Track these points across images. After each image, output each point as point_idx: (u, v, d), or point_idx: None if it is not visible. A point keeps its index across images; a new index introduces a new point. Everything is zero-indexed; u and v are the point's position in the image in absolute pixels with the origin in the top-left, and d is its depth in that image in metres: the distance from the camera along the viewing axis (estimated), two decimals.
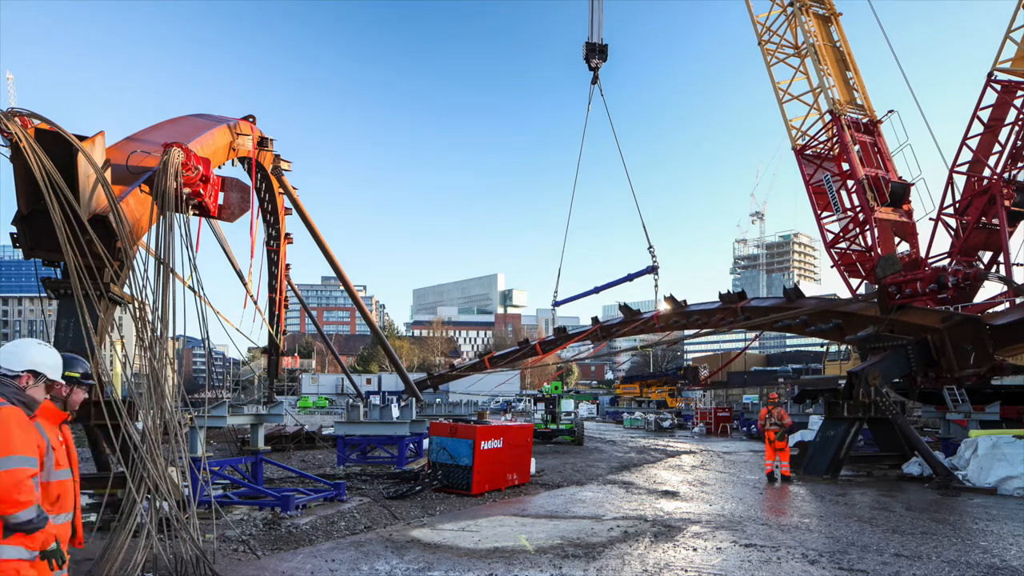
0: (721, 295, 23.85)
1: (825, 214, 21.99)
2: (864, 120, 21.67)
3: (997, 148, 19.29)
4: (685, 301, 25.51)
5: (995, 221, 18.90)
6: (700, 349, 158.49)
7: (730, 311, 23.14)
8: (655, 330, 27.50)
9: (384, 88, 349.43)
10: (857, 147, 20.93)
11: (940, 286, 16.18)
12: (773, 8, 22.59)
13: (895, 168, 21.41)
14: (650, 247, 25.88)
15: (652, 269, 26.09)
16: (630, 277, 27.63)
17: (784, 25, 22.50)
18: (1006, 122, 19.05)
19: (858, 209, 20.66)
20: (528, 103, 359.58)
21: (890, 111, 21.53)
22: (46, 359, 3.51)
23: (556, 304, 30.63)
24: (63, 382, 3.56)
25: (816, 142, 21.99)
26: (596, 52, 25.38)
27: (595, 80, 25.96)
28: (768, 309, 22.18)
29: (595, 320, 29.87)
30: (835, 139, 21.35)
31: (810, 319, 20.65)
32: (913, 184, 21.14)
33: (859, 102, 21.92)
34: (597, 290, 29.56)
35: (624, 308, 28.39)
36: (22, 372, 3.36)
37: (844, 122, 20.90)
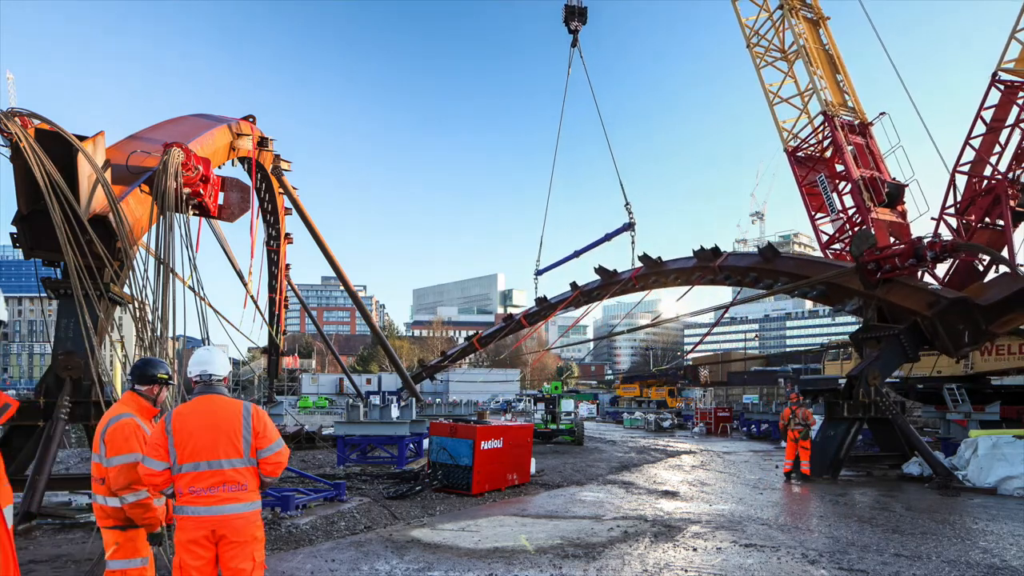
0: (695, 252, 22.80)
1: (819, 215, 21.94)
2: (855, 122, 21.66)
3: (998, 149, 19.28)
4: (660, 258, 24.68)
5: (999, 221, 18.86)
6: (700, 349, 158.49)
7: (708, 269, 22.31)
8: (634, 290, 26.88)
9: (384, 88, 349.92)
10: (851, 148, 20.91)
11: (918, 259, 16.01)
12: (760, 14, 22.59)
13: (887, 169, 21.40)
14: (627, 203, 25.49)
15: (629, 226, 25.59)
16: (608, 236, 27.17)
17: (772, 29, 22.50)
18: (1007, 123, 19.05)
19: (852, 210, 20.61)
20: (530, 103, 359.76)
21: (882, 113, 21.53)
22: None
23: (538, 272, 30.22)
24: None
25: (808, 144, 21.96)
26: (576, 15, 25.31)
27: (575, 43, 25.91)
28: (747, 269, 21.30)
29: (574, 285, 29.55)
30: (827, 141, 21.32)
31: (792, 281, 20.04)
32: (907, 185, 21.12)
33: (850, 104, 21.92)
34: (577, 254, 29.11)
35: (600, 270, 27.73)
36: (225, 375, 4.39)
37: (838, 123, 20.86)
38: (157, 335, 7.61)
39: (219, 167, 13.09)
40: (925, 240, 16.45)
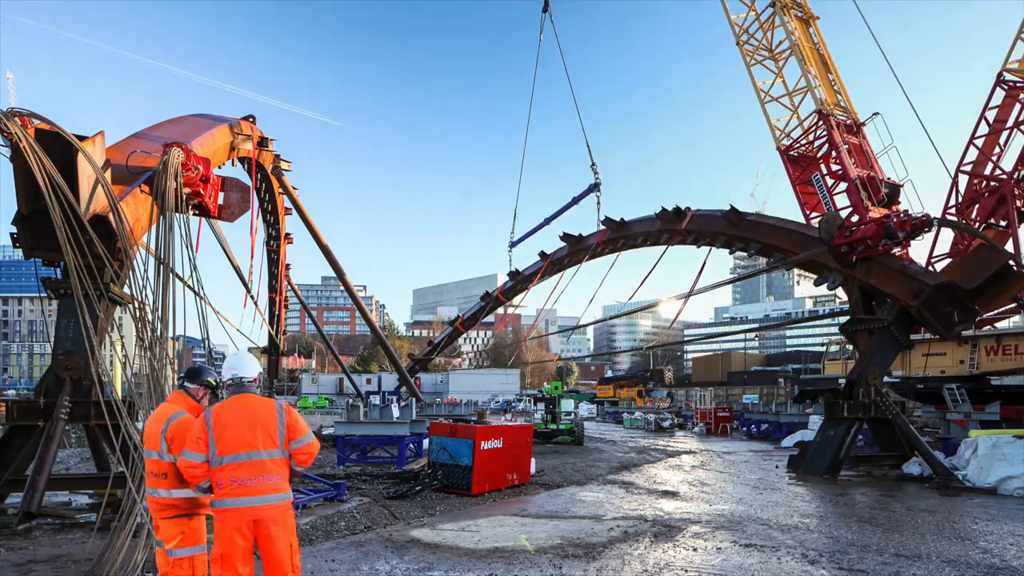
0: (658, 214, 22.36)
1: (814, 214, 21.86)
2: (848, 122, 21.60)
3: (998, 150, 19.24)
4: (623, 219, 24.34)
5: (1003, 222, 18.80)
6: (700, 349, 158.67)
7: (676, 232, 21.75)
8: (603, 254, 26.52)
9: (384, 88, 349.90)
10: (846, 147, 20.83)
11: (891, 237, 15.89)
12: (749, 13, 22.54)
13: (881, 169, 21.33)
14: (592, 164, 25.38)
15: (594, 187, 25.50)
16: (575, 200, 27.11)
17: (759, 29, 22.42)
18: (1008, 124, 19.04)
19: (849, 210, 20.53)
20: (528, 101, 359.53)
21: (875, 113, 21.43)
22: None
23: (512, 245, 30.09)
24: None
25: (801, 143, 21.87)
26: None
27: (546, 8, 25.72)
28: (716, 233, 20.67)
29: (543, 254, 29.41)
30: (819, 141, 21.23)
31: (764, 249, 19.54)
32: (902, 185, 21.07)
33: (843, 104, 21.84)
34: (547, 221, 28.99)
35: (566, 236, 27.37)
36: (256, 376, 4.76)
37: (833, 122, 20.77)
38: (157, 335, 7.60)
39: (219, 167, 13.09)
40: (894, 218, 16.19)
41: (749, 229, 19.75)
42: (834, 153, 20.58)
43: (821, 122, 20.90)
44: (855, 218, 19.71)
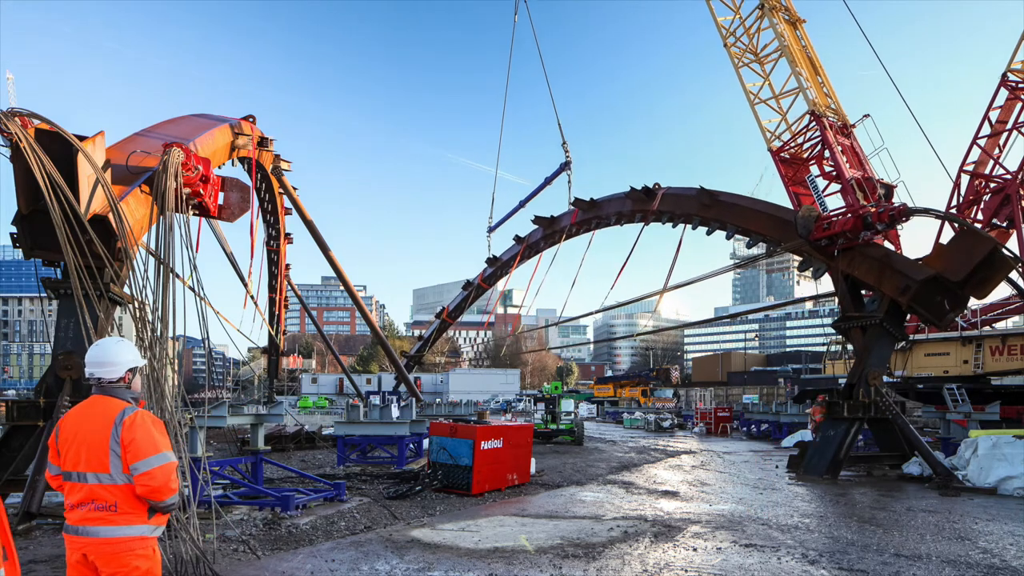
0: (627, 193, 21.97)
1: None
2: (838, 124, 21.57)
3: (998, 151, 19.29)
4: (593, 199, 24.06)
5: (1004, 223, 18.82)
6: (700, 348, 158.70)
7: (649, 211, 21.31)
8: (577, 233, 26.34)
9: (385, 87, 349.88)
10: (839, 148, 20.85)
11: (869, 228, 15.78)
12: (735, 18, 22.54)
13: (873, 170, 21.32)
14: (563, 143, 25.51)
15: (565, 165, 25.59)
16: (548, 180, 27.24)
17: (745, 34, 22.42)
18: (1008, 125, 19.09)
19: (843, 210, 20.54)
20: (529, 101, 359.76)
21: (865, 115, 21.40)
22: (135, 352, 3.81)
23: (491, 230, 30.29)
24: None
25: (791, 145, 21.83)
26: None
27: None
28: (690, 215, 20.16)
29: (518, 239, 29.48)
30: (809, 143, 21.22)
31: (742, 232, 19.24)
32: (895, 186, 21.04)
33: (832, 106, 21.83)
34: (522, 203, 29.15)
35: (538, 219, 27.26)
36: (125, 373, 3.71)
37: (826, 123, 20.72)
38: (157, 335, 7.59)
39: (219, 167, 13.10)
40: (871, 209, 16.07)
41: (723, 211, 19.23)
42: (827, 153, 20.57)
43: (813, 123, 20.89)
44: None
